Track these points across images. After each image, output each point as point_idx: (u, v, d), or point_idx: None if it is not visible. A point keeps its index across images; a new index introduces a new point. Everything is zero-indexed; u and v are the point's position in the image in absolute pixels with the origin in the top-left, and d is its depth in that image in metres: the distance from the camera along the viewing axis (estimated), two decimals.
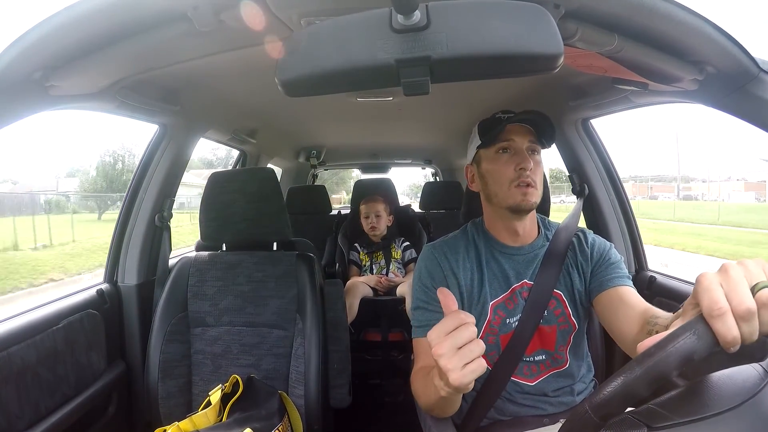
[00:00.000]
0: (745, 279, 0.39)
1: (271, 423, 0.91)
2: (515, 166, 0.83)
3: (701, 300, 0.39)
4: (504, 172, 0.84)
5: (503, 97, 1.44)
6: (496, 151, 0.86)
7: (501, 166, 0.84)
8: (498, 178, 0.85)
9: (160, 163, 1.29)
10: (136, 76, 0.80)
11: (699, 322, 0.38)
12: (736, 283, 0.39)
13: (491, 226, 0.92)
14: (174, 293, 1.13)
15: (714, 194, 27.99)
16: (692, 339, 0.37)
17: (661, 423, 0.39)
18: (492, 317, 0.85)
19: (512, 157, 0.84)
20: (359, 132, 2.33)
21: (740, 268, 0.40)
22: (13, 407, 0.86)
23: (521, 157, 0.83)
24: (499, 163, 0.85)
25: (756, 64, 0.61)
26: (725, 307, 0.37)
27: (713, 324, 0.37)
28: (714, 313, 0.37)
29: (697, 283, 0.40)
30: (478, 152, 0.89)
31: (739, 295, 0.38)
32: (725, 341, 0.37)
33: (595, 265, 0.87)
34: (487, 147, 0.86)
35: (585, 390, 0.90)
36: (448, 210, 2.65)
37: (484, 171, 0.88)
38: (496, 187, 0.85)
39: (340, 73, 0.45)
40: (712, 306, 0.38)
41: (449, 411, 0.78)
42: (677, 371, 0.36)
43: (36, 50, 0.60)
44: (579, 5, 0.55)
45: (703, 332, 0.37)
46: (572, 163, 1.36)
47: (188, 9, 0.58)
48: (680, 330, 0.38)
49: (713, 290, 0.39)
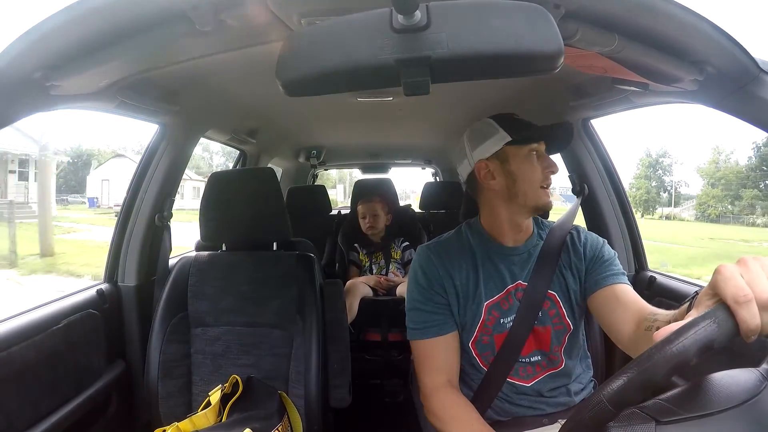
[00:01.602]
0: (764, 270, 0.40)
1: (271, 423, 0.91)
2: (544, 169, 0.85)
3: (724, 288, 0.39)
4: (537, 173, 0.85)
5: (503, 96, 1.44)
6: (529, 152, 0.85)
7: (533, 167, 0.85)
8: (530, 178, 0.85)
9: (160, 163, 1.28)
10: (136, 76, 0.80)
11: (719, 310, 0.38)
12: (756, 273, 0.39)
13: (492, 226, 0.91)
14: (174, 293, 1.13)
15: None
16: (713, 327, 0.37)
17: (669, 417, 0.38)
18: (486, 317, 0.85)
19: (541, 159, 0.86)
20: (359, 132, 2.34)
21: (758, 260, 0.41)
22: (13, 407, 0.86)
23: (550, 161, 0.86)
24: (531, 163, 0.85)
25: (756, 65, 0.61)
26: (751, 295, 0.38)
27: (738, 311, 0.37)
28: (740, 300, 0.37)
29: (717, 273, 0.41)
30: (504, 149, 0.86)
31: (761, 285, 0.38)
32: (748, 329, 0.37)
33: (589, 264, 0.87)
34: (519, 145, 0.85)
35: (582, 390, 0.90)
36: (448, 210, 2.65)
37: (514, 169, 0.85)
38: (526, 187, 0.85)
39: (341, 73, 0.45)
40: (738, 293, 0.38)
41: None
42: (696, 359, 0.36)
43: (36, 50, 0.60)
44: (579, 5, 0.55)
45: (723, 320, 0.37)
46: (572, 163, 1.36)
47: (188, 9, 0.58)
48: (700, 318, 0.38)
49: (737, 278, 0.39)
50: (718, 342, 0.37)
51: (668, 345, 0.37)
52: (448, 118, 1.92)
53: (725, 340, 0.37)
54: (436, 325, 0.85)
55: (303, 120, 1.93)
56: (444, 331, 0.85)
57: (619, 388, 0.38)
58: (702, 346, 0.36)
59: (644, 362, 0.37)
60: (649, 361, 0.37)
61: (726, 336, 0.37)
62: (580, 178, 1.34)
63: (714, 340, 0.37)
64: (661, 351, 0.37)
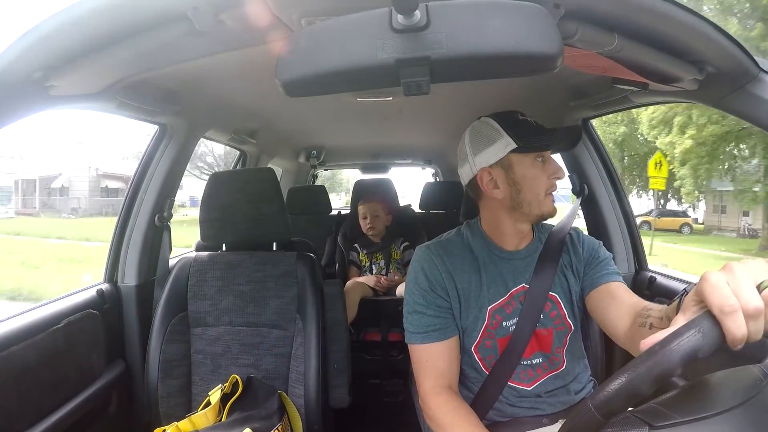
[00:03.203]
0: (750, 278, 0.39)
1: (271, 423, 0.91)
2: (549, 175, 0.82)
3: (710, 297, 0.39)
4: (543, 181, 0.82)
5: (503, 97, 1.44)
6: (534, 158, 0.82)
7: (539, 174, 0.82)
8: (536, 186, 0.82)
9: (160, 163, 1.28)
10: (136, 76, 0.80)
11: (705, 319, 0.38)
12: (742, 281, 0.39)
13: (494, 230, 0.89)
14: (174, 293, 1.13)
15: None
16: (697, 336, 0.37)
17: (663, 422, 0.39)
18: (489, 322, 0.84)
19: (547, 165, 0.83)
20: (359, 132, 2.33)
21: (744, 267, 0.40)
22: (13, 407, 0.86)
23: (555, 167, 0.83)
24: (537, 170, 0.82)
25: (756, 64, 0.61)
26: (736, 305, 0.37)
27: (724, 321, 0.37)
28: (726, 310, 0.37)
29: (703, 280, 0.40)
30: (509, 156, 0.82)
31: (747, 294, 0.38)
32: (734, 338, 0.37)
33: (586, 264, 0.87)
34: (525, 153, 0.82)
35: (582, 389, 0.90)
36: (448, 210, 2.65)
37: (519, 177, 0.82)
38: (532, 196, 0.82)
39: (340, 73, 0.45)
40: (724, 303, 0.37)
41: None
42: (681, 369, 0.36)
43: (36, 50, 0.60)
44: (579, 5, 0.55)
45: (708, 329, 0.37)
46: (572, 163, 1.36)
47: (188, 9, 0.58)
48: (684, 328, 0.38)
49: (722, 287, 0.38)
50: (703, 351, 0.37)
51: (653, 356, 0.37)
52: (448, 118, 1.92)
53: (710, 350, 0.37)
54: (438, 329, 0.83)
55: (303, 120, 1.93)
56: (446, 336, 0.83)
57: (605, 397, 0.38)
58: (686, 356, 0.36)
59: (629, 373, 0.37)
60: (633, 372, 0.37)
61: (711, 346, 0.37)
62: (580, 179, 1.34)
63: (699, 350, 0.37)
64: (645, 362, 0.37)
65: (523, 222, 0.86)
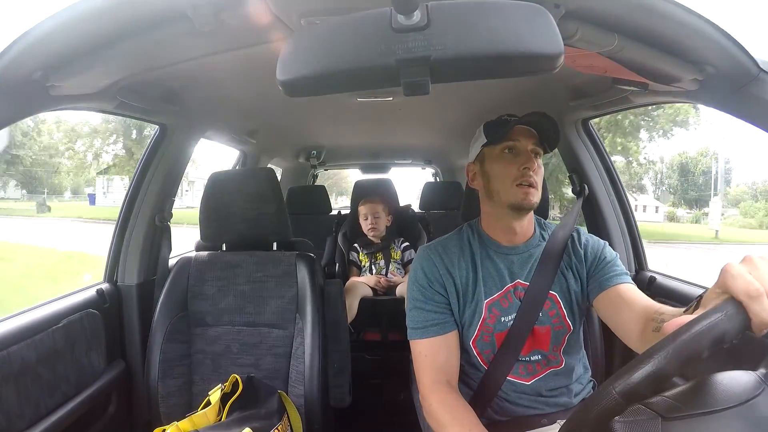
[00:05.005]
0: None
1: (271, 422, 0.91)
2: (519, 166, 0.84)
3: (734, 284, 0.40)
4: (508, 171, 0.84)
5: (503, 97, 1.44)
6: (501, 150, 0.86)
7: (506, 165, 0.85)
8: (502, 176, 0.85)
9: (160, 163, 1.28)
10: (136, 75, 0.80)
11: (729, 304, 0.39)
12: (764, 270, 0.41)
13: (488, 226, 0.92)
14: (174, 293, 1.13)
15: None
16: (723, 320, 0.38)
17: (675, 414, 0.39)
18: (486, 315, 0.86)
19: (517, 157, 0.85)
20: (359, 132, 2.33)
21: (763, 259, 0.42)
22: (13, 407, 0.86)
23: (526, 157, 0.84)
24: (504, 161, 0.85)
25: (756, 64, 0.61)
26: (761, 289, 0.39)
27: (751, 305, 0.39)
28: (753, 294, 0.39)
29: (725, 271, 0.42)
30: (482, 151, 0.89)
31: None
32: (761, 322, 0.38)
33: (591, 266, 0.87)
34: (493, 146, 0.87)
35: (582, 391, 0.90)
36: (448, 210, 2.65)
37: (488, 169, 0.88)
38: (499, 185, 0.85)
39: (341, 73, 0.45)
40: (749, 287, 0.39)
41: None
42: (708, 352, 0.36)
43: (36, 50, 0.60)
44: (579, 5, 0.55)
45: (734, 314, 0.38)
46: (572, 163, 1.36)
47: (188, 9, 0.58)
48: (711, 311, 0.39)
49: (745, 275, 0.40)
50: (729, 335, 0.37)
51: (681, 336, 0.37)
52: (448, 118, 1.92)
53: (736, 334, 0.38)
54: (437, 324, 0.85)
55: (303, 120, 1.93)
56: (445, 330, 0.85)
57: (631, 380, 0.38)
58: (714, 338, 0.37)
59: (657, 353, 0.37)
60: (662, 351, 0.37)
61: (737, 329, 0.38)
62: (580, 178, 1.34)
63: (726, 333, 0.37)
64: (674, 342, 0.37)
65: (503, 215, 0.88)
